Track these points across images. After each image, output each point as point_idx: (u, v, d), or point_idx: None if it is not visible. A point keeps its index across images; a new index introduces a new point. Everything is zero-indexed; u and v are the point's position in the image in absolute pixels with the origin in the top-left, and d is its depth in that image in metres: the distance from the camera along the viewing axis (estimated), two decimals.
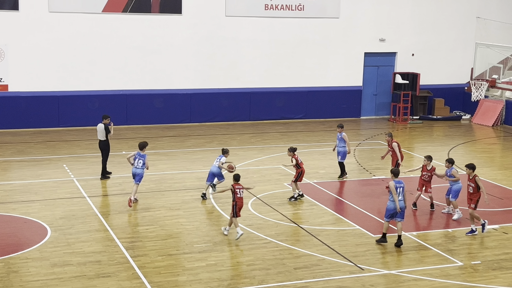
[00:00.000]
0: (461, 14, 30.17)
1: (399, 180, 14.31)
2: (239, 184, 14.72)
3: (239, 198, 14.54)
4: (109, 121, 19.06)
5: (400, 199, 14.16)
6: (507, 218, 16.40)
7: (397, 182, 14.21)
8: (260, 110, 28.17)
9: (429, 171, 16.69)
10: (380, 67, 29.77)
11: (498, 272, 13.18)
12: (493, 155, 23.69)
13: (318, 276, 12.77)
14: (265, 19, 27.76)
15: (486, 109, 29.19)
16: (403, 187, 14.21)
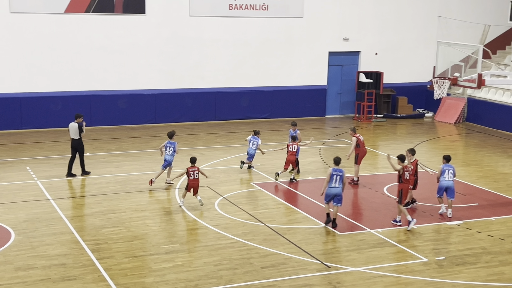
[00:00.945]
0: (423, 13, 30.56)
1: (338, 169, 15.11)
2: (194, 167, 16.31)
3: (192, 180, 16.21)
4: (82, 120, 19.11)
5: (337, 186, 15.04)
6: (470, 214, 16.66)
7: (336, 170, 15.07)
8: (225, 110, 28.16)
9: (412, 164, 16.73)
10: (344, 66, 29.99)
11: (462, 267, 13.39)
12: (456, 152, 24.05)
13: (285, 275, 12.82)
14: (229, 19, 27.75)
15: (448, 106, 29.62)
16: (341, 176, 15.02)
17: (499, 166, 21.92)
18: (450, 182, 16.34)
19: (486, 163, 22.18)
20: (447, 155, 16.79)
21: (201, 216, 16.04)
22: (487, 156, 23.15)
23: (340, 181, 15.05)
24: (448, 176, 16.34)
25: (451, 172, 16.39)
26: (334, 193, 15.15)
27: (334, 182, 15.07)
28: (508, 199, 18.05)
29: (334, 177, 15.03)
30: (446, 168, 16.43)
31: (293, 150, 19.13)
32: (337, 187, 15.08)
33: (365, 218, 16.31)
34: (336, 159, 15.42)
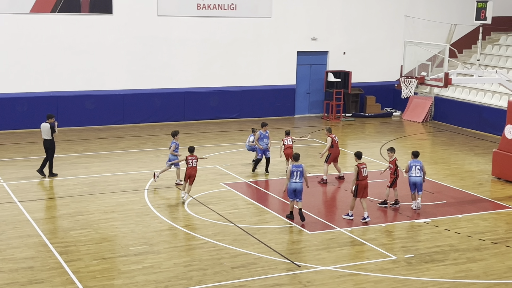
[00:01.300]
0: (390, 12, 30.81)
1: (298, 164, 15.56)
2: (193, 156, 17.00)
3: (189, 168, 16.81)
4: (54, 120, 19.03)
5: (298, 181, 15.46)
6: (437, 212, 16.83)
7: (295, 166, 15.52)
8: (194, 110, 28.05)
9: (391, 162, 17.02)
10: (313, 65, 30.09)
11: (430, 264, 13.52)
12: (423, 150, 24.26)
13: (256, 275, 12.82)
14: (198, 19, 27.66)
15: (415, 105, 29.91)
16: (301, 171, 15.48)
17: (466, 164, 22.19)
18: (418, 177, 16.69)
19: (453, 161, 22.44)
20: (415, 151, 17.14)
21: (171, 217, 15.96)
22: (454, 154, 23.42)
23: (300, 176, 15.50)
24: (415, 172, 16.69)
25: (418, 168, 16.73)
26: (294, 187, 15.56)
27: (295, 177, 15.49)
28: (475, 197, 18.28)
29: (294, 173, 15.47)
30: (413, 164, 16.78)
31: (289, 143, 19.45)
32: (298, 182, 15.51)
33: (334, 217, 16.37)
34: (295, 155, 15.88)
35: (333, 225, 15.69)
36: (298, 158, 15.83)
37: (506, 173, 19.70)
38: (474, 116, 27.58)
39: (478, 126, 27.30)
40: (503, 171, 19.80)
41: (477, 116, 27.46)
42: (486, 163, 21.63)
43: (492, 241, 14.88)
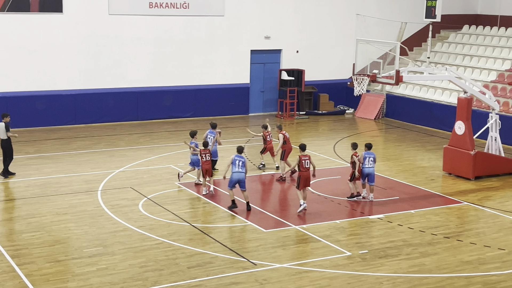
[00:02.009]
0: (342, 11, 31.09)
1: (240, 155, 16.29)
2: (206, 150, 17.44)
3: (204, 162, 17.26)
4: (9, 119, 18.91)
5: (240, 171, 16.13)
6: (390, 208, 17.06)
7: (238, 156, 16.27)
8: (148, 109, 27.84)
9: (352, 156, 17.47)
10: (266, 64, 30.17)
11: (384, 260, 13.70)
12: (376, 147, 24.54)
13: (212, 274, 12.80)
14: (150, 17, 27.45)
15: (368, 103, 30.27)
16: (243, 162, 16.17)
17: (418, 160, 22.56)
18: (371, 168, 17.25)
19: (405, 157, 22.78)
20: (369, 143, 17.68)
21: (125, 218, 15.81)
22: (406, 151, 23.78)
23: (242, 166, 16.15)
24: (368, 163, 17.19)
25: (371, 160, 17.26)
26: (237, 178, 16.17)
27: (237, 167, 16.14)
28: (427, 192, 18.59)
29: (236, 162, 16.15)
30: (366, 155, 17.30)
31: (271, 139, 19.93)
32: (241, 172, 16.14)
33: (290, 214, 16.45)
34: (238, 148, 16.54)
35: (289, 222, 15.76)
36: (242, 150, 16.47)
37: (457, 169, 20.09)
38: (425, 112, 28.05)
39: (429, 123, 27.78)
40: (454, 166, 20.19)
41: (428, 112, 27.93)
42: (437, 158, 22.02)
43: (444, 235, 15.17)
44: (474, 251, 14.25)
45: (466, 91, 19.89)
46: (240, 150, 16.49)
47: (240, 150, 16.51)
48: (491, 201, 17.87)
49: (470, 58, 29.72)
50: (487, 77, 27.95)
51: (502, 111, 24.39)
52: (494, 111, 20.66)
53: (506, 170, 20.36)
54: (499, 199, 18.10)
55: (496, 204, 17.63)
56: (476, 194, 18.42)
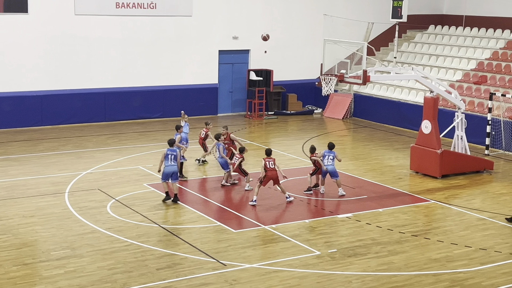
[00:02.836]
0: (310, 11, 31.22)
1: (172, 149, 16.80)
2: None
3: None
4: None
5: (172, 164, 16.70)
6: (359, 207, 17.18)
7: (170, 150, 16.77)
8: (116, 110, 27.64)
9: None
10: (235, 64, 30.17)
11: (353, 258, 13.79)
12: (344, 146, 24.74)
13: (182, 275, 12.75)
14: (117, 18, 27.25)
15: (336, 102, 30.45)
16: (174, 155, 16.73)
17: (386, 159, 22.75)
18: (330, 166, 17.73)
19: (374, 157, 22.96)
20: (330, 143, 18.09)
21: (93, 220, 15.67)
22: (374, 150, 23.97)
23: (174, 159, 16.71)
24: (327, 161, 17.74)
25: (330, 158, 17.79)
26: (170, 171, 16.75)
27: (169, 160, 16.69)
28: (395, 191, 18.76)
29: (168, 156, 16.71)
30: (326, 153, 17.86)
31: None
32: (173, 165, 16.73)
33: (259, 214, 16.46)
34: (169, 141, 17.07)
35: (258, 222, 15.78)
36: (172, 144, 16.99)
37: (424, 167, 20.31)
38: (392, 112, 28.31)
39: (397, 122, 28.04)
40: (421, 165, 20.40)
41: (395, 112, 28.19)
42: (405, 157, 22.24)
43: (412, 233, 15.32)
44: (441, 248, 14.43)
45: (433, 91, 20.12)
46: (171, 143, 16.95)
47: (170, 143, 16.96)
48: (458, 199, 18.11)
49: (436, 58, 30.08)
50: (453, 76, 28.31)
51: (468, 110, 24.73)
52: (460, 110, 20.94)
53: (472, 168, 20.64)
54: (465, 197, 18.34)
55: (462, 202, 17.87)
56: (443, 193, 18.64)
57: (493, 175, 20.59)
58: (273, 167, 16.98)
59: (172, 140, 17.17)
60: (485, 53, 28.68)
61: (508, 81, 26.21)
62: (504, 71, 26.94)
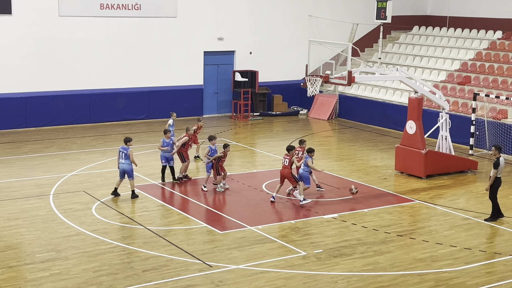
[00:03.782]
0: (294, 12, 31.28)
1: (125, 147, 17.07)
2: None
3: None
4: None
5: (123, 162, 17.01)
6: (345, 207, 17.23)
7: (122, 148, 17.11)
8: (101, 112, 27.53)
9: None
10: (220, 65, 30.15)
11: (339, 259, 13.82)
12: (330, 147, 24.81)
13: (167, 277, 12.72)
14: (101, 19, 27.15)
15: (321, 103, 30.52)
16: (125, 153, 16.98)
17: (371, 160, 22.83)
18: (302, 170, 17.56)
19: (359, 157, 23.03)
20: (309, 148, 17.83)
21: (78, 222, 15.59)
22: (359, 150, 24.04)
23: (125, 157, 16.96)
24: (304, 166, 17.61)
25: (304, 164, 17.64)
26: (122, 168, 17.08)
27: (121, 158, 17.06)
28: (380, 191, 18.83)
29: (120, 154, 17.10)
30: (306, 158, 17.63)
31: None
32: (123, 163, 17.03)
33: (245, 215, 16.46)
34: (125, 139, 17.16)
35: (244, 223, 15.78)
36: (127, 141, 17.08)
37: (409, 167, 20.41)
38: (377, 112, 28.42)
39: (381, 123, 28.15)
40: (406, 165, 20.49)
41: (380, 112, 28.30)
42: (390, 158, 22.33)
43: (397, 233, 15.38)
44: (426, 248, 14.50)
45: (417, 91, 20.22)
46: (126, 141, 17.08)
47: (125, 141, 17.08)
48: (442, 199, 18.21)
49: (421, 59, 30.23)
50: (437, 77, 28.47)
51: (452, 111, 24.88)
52: (444, 110, 21.06)
53: (456, 168, 20.76)
54: (450, 197, 18.45)
55: (447, 202, 17.97)
56: (427, 193, 18.74)
57: (477, 175, 20.72)
58: (286, 165, 17.03)
59: (127, 138, 17.19)
60: (468, 54, 28.87)
61: (491, 82, 26.41)
62: (487, 72, 27.14)
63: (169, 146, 18.75)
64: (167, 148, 18.67)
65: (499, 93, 25.07)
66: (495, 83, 26.29)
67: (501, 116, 23.99)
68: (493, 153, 16.21)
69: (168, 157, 18.79)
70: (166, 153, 18.74)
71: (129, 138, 17.33)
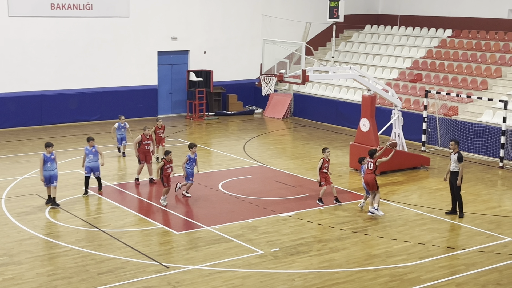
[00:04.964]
0: (248, 12, 31.31)
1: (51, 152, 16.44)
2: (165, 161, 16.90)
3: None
4: None
5: (48, 169, 16.42)
6: (301, 205, 17.32)
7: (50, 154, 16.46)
8: (52, 113, 27.10)
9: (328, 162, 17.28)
10: (174, 65, 30.00)
11: (295, 256, 13.89)
12: (285, 146, 24.91)
13: (123, 279, 12.60)
14: (52, 19, 26.73)
15: (276, 102, 30.63)
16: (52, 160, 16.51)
17: None
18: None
19: (314, 155, 23.17)
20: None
21: (31, 226, 15.32)
22: (314, 149, 24.19)
23: (52, 163, 16.41)
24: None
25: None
26: (50, 175, 16.47)
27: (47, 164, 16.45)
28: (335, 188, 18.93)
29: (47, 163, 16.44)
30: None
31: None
32: (48, 171, 16.46)
33: (201, 215, 16.41)
34: (46, 144, 16.59)
35: (200, 223, 15.73)
36: (49, 146, 16.45)
37: None
38: (331, 111, 28.65)
39: (335, 121, 28.40)
40: None
41: (334, 111, 28.54)
42: (344, 155, 22.54)
43: (352, 230, 15.53)
44: (381, 244, 14.68)
45: (370, 89, 20.45)
46: (48, 145, 16.44)
47: (48, 145, 16.45)
48: (396, 195, 18.45)
49: (373, 57, 30.60)
50: (389, 75, 28.85)
51: (404, 108, 25.25)
52: (396, 108, 21.35)
53: (409, 164, 21.07)
54: (403, 193, 18.71)
55: (401, 198, 18.22)
56: (381, 189, 18.91)
57: (429, 171, 21.08)
58: (371, 169, 16.56)
59: (48, 143, 16.49)
60: (420, 52, 29.33)
61: (442, 79, 26.88)
62: (438, 69, 27.61)
63: (91, 155, 17.43)
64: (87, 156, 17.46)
65: (449, 90, 25.54)
66: (445, 80, 26.78)
67: (452, 113, 24.45)
68: (452, 148, 16.49)
69: (92, 166, 17.53)
70: (90, 162, 17.45)
71: (50, 143, 16.49)
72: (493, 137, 22.47)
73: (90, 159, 17.50)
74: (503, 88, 24.90)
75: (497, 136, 22.20)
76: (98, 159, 17.59)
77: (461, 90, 25.45)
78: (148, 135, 19.13)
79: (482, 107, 24.21)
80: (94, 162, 17.55)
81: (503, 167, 21.57)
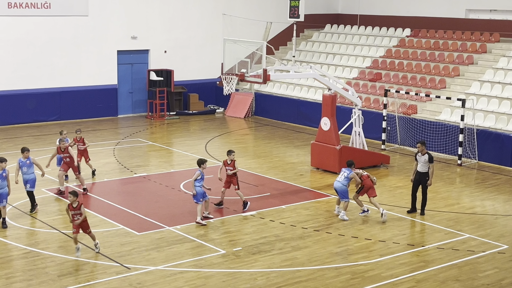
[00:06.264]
0: (208, 11, 31.24)
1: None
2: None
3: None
4: None
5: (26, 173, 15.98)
6: (262, 204, 17.35)
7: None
8: (10, 113, 26.64)
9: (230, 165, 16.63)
10: (134, 64, 29.76)
11: (258, 255, 13.90)
12: (246, 145, 24.93)
13: (84, 281, 12.46)
14: (9, 18, 26.28)
15: (237, 101, 30.63)
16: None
17: (287, 157, 23.08)
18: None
19: (275, 154, 23.24)
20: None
21: None
22: (275, 148, 24.26)
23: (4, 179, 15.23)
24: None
25: None
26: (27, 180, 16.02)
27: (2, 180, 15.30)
28: (297, 187, 19.06)
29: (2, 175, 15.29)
30: None
31: None
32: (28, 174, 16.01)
33: (163, 216, 16.31)
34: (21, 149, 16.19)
35: (162, 224, 15.63)
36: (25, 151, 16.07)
37: (324, 163, 20.76)
38: (292, 110, 28.76)
39: (297, 120, 28.52)
40: (321, 161, 20.84)
41: (295, 110, 28.66)
42: (305, 154, 22.65)
43: (314, 228, 15.62)
44: (342, 242, 14.79)
45: (330, 88, 20.59)
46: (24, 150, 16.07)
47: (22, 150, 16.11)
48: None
49: (333, 56, 30.81)
50: (349, 74, 29.09)
51: (364, 107, 25.49)
52: (357, 107, 21.54)
53: (369, 163, 21.27)
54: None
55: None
56: None
57: (389, 169, 21.31)
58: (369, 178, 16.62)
59: (23, 148, 16.07)
60: (379, 51, 29.64)
61: (401, 78, 27.20)
62: (397, 68, 27.94)
63: (25, 167, 16.11)
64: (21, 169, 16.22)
65: (408, 89, 25.86)
66: (404, 79, 27.10)
67: (411, 111, 24.77)
68: (420, 149, 16.66)
69: (27, 179, 16.15)
70: (24, 174, 16.14)
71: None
72: (451, 135, 22.83)
73: (24, 172, 16.17)
74: (461, 87, 25.32)
75: (455, 134, 22.56)
76: (33, 171, 16.24)
77: (420, 89, 25.79)
78: (64, 148, 17.37)
79: (441, 106, 24.58)
80: (29, 175, 16.16)
81: (461, 165, 21.93)
